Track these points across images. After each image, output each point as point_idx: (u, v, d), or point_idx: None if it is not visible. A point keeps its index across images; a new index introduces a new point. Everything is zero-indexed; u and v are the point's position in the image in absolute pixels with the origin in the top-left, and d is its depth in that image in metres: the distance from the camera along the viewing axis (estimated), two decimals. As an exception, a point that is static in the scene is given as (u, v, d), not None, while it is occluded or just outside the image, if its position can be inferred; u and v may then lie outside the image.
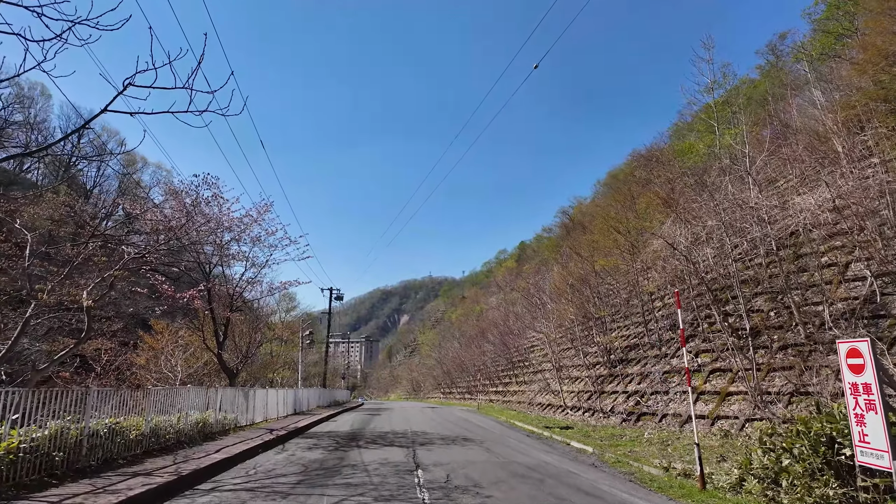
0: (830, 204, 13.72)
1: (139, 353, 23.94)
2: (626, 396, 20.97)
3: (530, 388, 35.50)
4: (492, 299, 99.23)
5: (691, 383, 17.37)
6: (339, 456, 11.42)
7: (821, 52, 27.21)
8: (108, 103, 7.46)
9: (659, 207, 21.54)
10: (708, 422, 15.83)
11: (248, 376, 30.30)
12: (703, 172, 23.43)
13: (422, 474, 8.97)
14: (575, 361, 30.47)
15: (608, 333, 25.05)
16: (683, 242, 17.31)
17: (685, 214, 17.85)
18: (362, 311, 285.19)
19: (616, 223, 23.91)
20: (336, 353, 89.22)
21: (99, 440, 8.84)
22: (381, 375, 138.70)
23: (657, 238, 18.50)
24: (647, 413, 18.67)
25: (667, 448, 13.54)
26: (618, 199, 26.47)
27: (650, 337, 23.22)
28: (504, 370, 48.27)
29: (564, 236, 78.83)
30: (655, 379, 20.02)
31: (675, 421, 17.17)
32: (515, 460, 10.99)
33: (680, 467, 9.64)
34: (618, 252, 23.28)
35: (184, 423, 12.28)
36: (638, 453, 12.79)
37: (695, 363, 19.07)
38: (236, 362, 18.71)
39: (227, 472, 9.43)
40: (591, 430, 18.35)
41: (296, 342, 36.98)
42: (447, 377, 73.54)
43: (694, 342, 20.38)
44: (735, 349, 16.46)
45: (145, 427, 10.40)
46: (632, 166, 37.12)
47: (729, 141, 28.60)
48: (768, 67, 45.21)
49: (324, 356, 47.33)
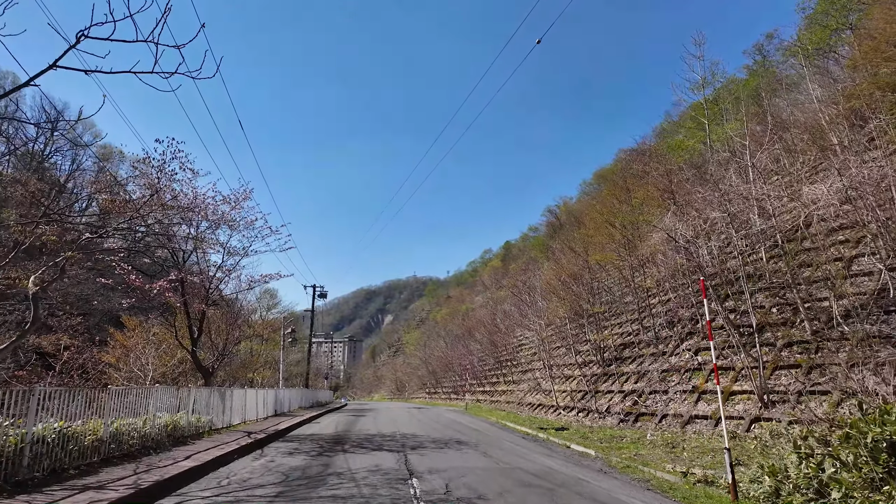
0: (843, 194, 13.07)
1: (108, 350, 22.51)
2: (622, 396, 20.23)
3: (519, 388, 34.69)
4: (477, 298, 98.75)
5: (720, 382, 16.70)
6: (324, 462, 10.36)
7: (816, 48, 26.87)
8: (59, 57, 6.31)
9: (657, 201, 20.90)
10: (711, 422, 15.13)
11: (226, 376, 28.92)
12: (701, 166, 22.84)
13: (417, 484, 7.98)
14: (566, 360, 29.73)
15: (602, 331, 24.32)
16: (685, 236, 16.59)
17: (686, 207, 17.15)
18: (346, 311, 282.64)
19: (611, 217, 23.14)
20: (319, 352, 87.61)
21: (46, 448, 7.67)
22: (364, 375, 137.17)
23: (657, 231, 17.80)
24: (646, 413, 17.93)
25: (674, 451, 12.76)
26: (613, 193, 25.68)
27: (646, 334, 22.53)
28: (492, 369, 47.44)
29: (552, 235, 78.57)
30: (654, 378, 19.31)
31: (676, 421, 16.45)
32: (518, 466, 10.06)
33: (699, 473, 8.81)
34: (613, 247, 22.55)
35: (151, 427, 11.10)
36: (645, 457, 11.97)
37: (694, 361, 18.39)
38: (212, 360, 17.47)
39: (197, 482, 8.32)
40: (589, 432, 17.55)
41: (277, 341, 35.63)
42: (432, 377, 72.54)
43: (693, 339, 19.71)
44: (739, 346, 15.79)
45: (104, 431, 9.22)
46: (626, 160, 36.61)
47: (721, 135, 28.16)
48: (756, 67, 45.32)
49: (306, 355, 45.95)
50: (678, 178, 18.65)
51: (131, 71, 6.48)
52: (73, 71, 6.50)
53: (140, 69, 6.23)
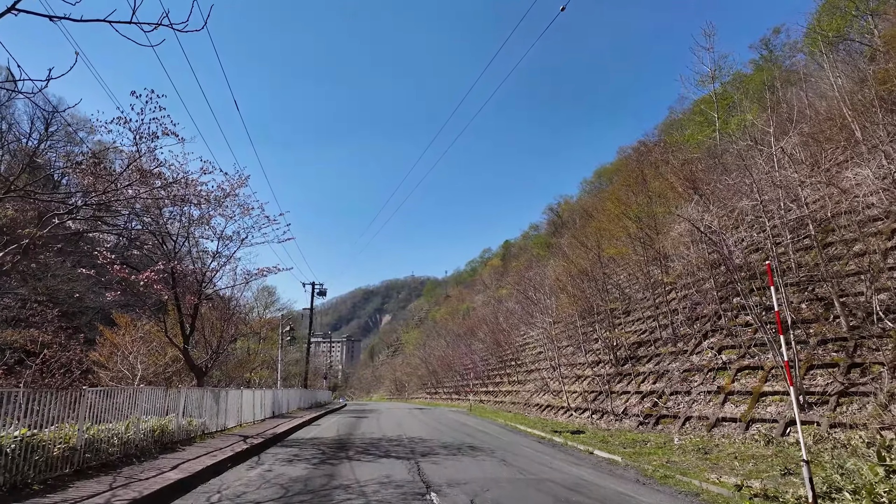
0: (891, 178, 12.02)
1: (97, 349, 21.36)
2: (640, 397, 19.17)
3: (525, 389, 33.61)
4: (478, 297, 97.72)
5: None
6: (328, 472, 9.26)
7: (835, 34, 25.90)
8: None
9: (676, 192, 19.87)
10: (741, 425, 14.08)
11: (222, 375, 27.79)
12: (718, 156, 21.81)
13: (437, 500, 6.89)
14: (576, 359, 28.66)
15: (615, 329, 23.24)
16: (710, 226, 15.54)
17: (710, 197, 16.11)
18: (343, 311, 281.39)
19: (625, 209, 22.04)
20: (317, 352, 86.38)
21: (4, 459, 6.56)
22: (363, 375, 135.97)
23: (677, 224, 16.74)
24: (668, 415, 16.88)
25: (707, 457, 11.67)
26: (627, 183, 24.51)
27: (662, 332, 21.48)
28: (495, 369, 46.35)
29: (554, 232, 77.64)
30: (674, 378, 18.26)
31: (701, 424, 15.41)
32: (546, 477, 8.97)
33: (756, 486, 7.74)
34: (627, 240, 21.48)
35: (134, 432, 9.98)
36: (679, 464, 10.90)
37: (718, 360, 17.35)
38: (206, 359, 16.34)
39: (183, 497, 7.22)
40: (608, 435, 16.48)
41: (275, 340, 34.47)
42: (433, 377, 71.38)
43: (716, 337, 18.67)
44: (774, 344, 14.73)
45: (78, 439, 8.11)
46: (641, 150, 35.57)
47: (738, 125, 27.14)
48: (762, 62, 44.44)
49: (305, 355, 44.80)
50: (699, 167, 17.59)
51: (105, 20, 5.36)
52: (37, 17, 5.42)
53: (116, 17, 5.18)
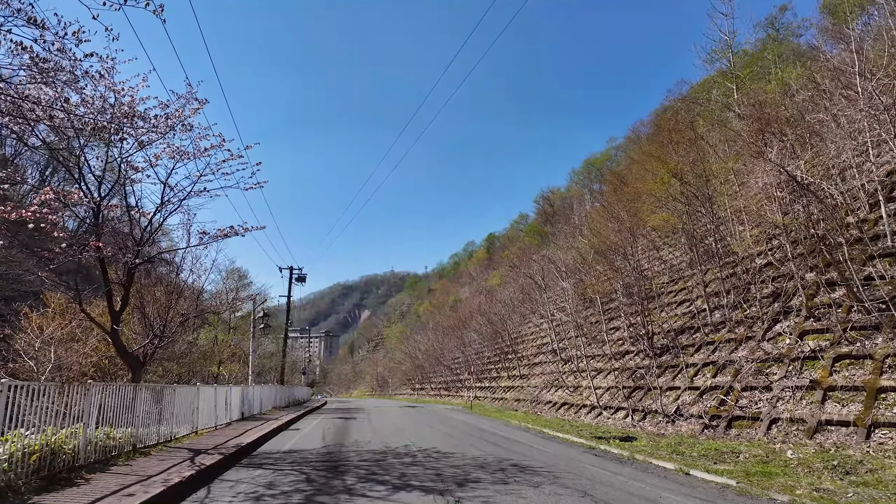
0: None
1: (20, 335, 17.01)
2: (695, 394, 15.70)
3: (530, 384, 30.00)
4: (463, 290, 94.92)
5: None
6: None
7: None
8: None
9: (739, 144, 16.49)
10: (857, 431, 10.59)
11: (182, 369, 23.44)
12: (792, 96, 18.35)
13: None
14: (593, 350, 25.18)
15: (649, 313, 19.72)
16: (805, 176, 12.05)
17: (801, 140, 12.66)
18: (322, 307, 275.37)
19: (663, 168, 18.47)
20: (295, 346, 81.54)
21: None
22: (342, 371, 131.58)
23: (757, 176, 13.17)
24: (743, 417, 13.39)
25: (865, 481, 8.13)
26: (670, 138, 20.66)
27: (714, 315, 18.05)
28: (491, 362, 42.73)
29: (545, 221, 74.60)
30: (744, 370, 14.80)
31: (795, 429, 11.92)
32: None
33: None
34: (672, 206, 17.98)
35: (-7, 458, 5.93)
36: (838, 495, 7.33)
37: (802, 348, 13.93)
38: (144, 344, 12.15)
39: None
40: (675, 443, 12.90)
41: (246, 329, 30.12)
42: (418, 371, 67.49)
43: (794, 319, 15.27)
44: (889, 326, 11.33)
45: None
46: (684, 98, 32.19)
47: (796, 76, 23.90)
48: (768, 42, 41.95)
49: (281, 347, 40.45)
50: (773, 111, 14.20)
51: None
52: None
53: None
